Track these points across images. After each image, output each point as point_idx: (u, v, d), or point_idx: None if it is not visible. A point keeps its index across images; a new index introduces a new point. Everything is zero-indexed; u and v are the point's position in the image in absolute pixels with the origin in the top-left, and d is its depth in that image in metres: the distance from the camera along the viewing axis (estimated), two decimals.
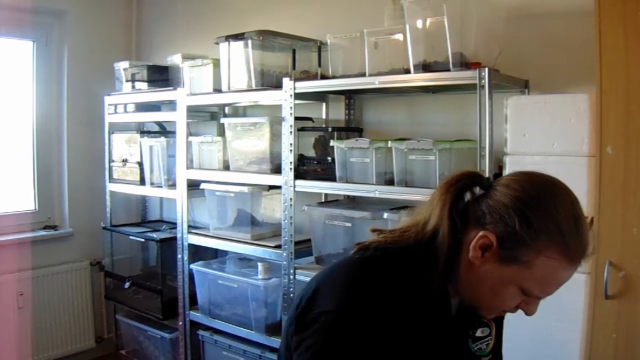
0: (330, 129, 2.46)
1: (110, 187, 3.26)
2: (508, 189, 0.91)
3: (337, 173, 2.19)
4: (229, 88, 2.54)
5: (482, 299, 0.96)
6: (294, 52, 2.41)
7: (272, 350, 2.42)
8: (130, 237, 3.13)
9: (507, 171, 1.74)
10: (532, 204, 0.88)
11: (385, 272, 0.94)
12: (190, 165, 2.79)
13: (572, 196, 0.92)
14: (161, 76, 3.05)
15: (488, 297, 0.94)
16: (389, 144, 2.05)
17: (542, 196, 0.90)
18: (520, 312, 0.97)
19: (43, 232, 3.24)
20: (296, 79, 2.33)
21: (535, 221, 0.87)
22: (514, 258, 0.88)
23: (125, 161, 3.16)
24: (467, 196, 0.97)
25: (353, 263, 0.99)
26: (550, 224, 0.87)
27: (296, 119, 2.32)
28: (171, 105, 2.92)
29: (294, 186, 2.30)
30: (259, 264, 2.47)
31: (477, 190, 0.96)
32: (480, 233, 0.90)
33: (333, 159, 2.21)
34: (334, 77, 2.26)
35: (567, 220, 0.88)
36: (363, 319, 0.88)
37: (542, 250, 0.86)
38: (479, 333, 1.06)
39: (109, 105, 3.25)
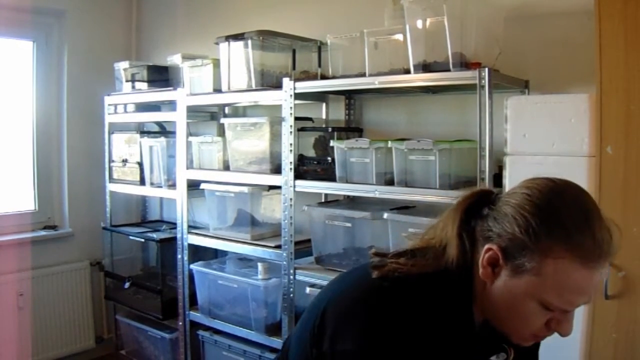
0: (330, 129, 2.46)
1: (110, 187, 3.26)
2: (512, 197, 0.87)
3: (337, 173, 2.19)
4: (229, 88, 2.54)
5: (505, 322, 0.89)
6: (294, 52, 2.42)
7: (272, 350, 2.42)
8: (130, 237, 3.12)
9: (507, 171, 1.74)
10: (534, 206, 0.83)
11: (407, 306, 0.87)
12: (190, 165, 2.79)
13: (582, 192, 0.86)
14: (161, 76, 3.05)
15: (510, 319, 0.88)
16: (389, 144, 2.05)
17: (544, 197, 0.84)
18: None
19: (43, 232, 3.24)
20: (296, 79, 2.33)
21: (535, 222, 0.82)
22: (521, 267, 0.82)
23: (125, 161, 3.16)
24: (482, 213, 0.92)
25: (373, 292, 0.90)
26: (552, 222, 0.81)
27: (296, 119, 2.32)
28: (171, 105, 2.92)
29: (294, 186, 2.30)
30: (259, 264, 2.47)
31: (487, 209, 0.91)
32: (486, 247, 0.86)
33: (333, 159, 2.21)
34: (334, 77, 2.26)
35: (573, 216, 0.82)
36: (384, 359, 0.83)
37: (547, 252, 0.80)
38: (495, 358, 0.98)
39: (109, 105, 3.25)
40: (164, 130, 3.24)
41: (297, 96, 2.31)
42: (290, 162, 2.30)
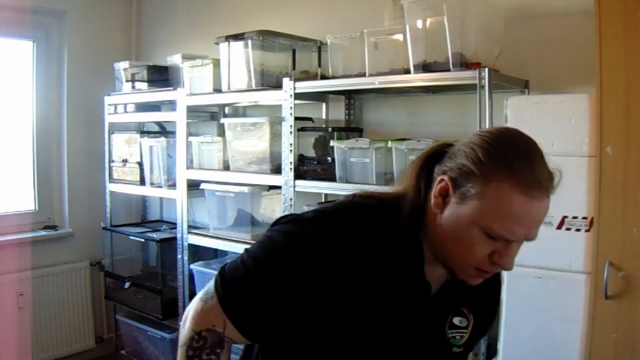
0: (330, 129, 2.46)
1: (110, 187, 3.26)
2: (467, 139, 0.93)
3: (337, 173, 2.19)
4: (229, 88, 2.54)
5: (451, 254, 0.93)
6: (294, 52, 2.42)
7: None
8: (130, 237, 3.12)
9: None
10: (483, 142, 0.89)
11: (362, 220, 0.96)
12: (190, 165, 2.79)
13: (531, 140, 0.92)
14: (161, 76, 3.05)
15: (455, 248, 0.91)
16: (389, 144, 2.05)
17: (494, 136, 0.91)
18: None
19: (43, 232, 3.24)
20: (296, 79, 2.33)
21: (482, 154, 0.87)
22: (467, 194, 0.88)
23: (125, 161, 3.16)
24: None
25: (340, 203, 1.03)
26: (497, 153, 0.87)
27: (296, 119, 2.32)
28: (171, 105, 2.92)
29: (294, 186, 2.30)
30: None
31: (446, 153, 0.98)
32: (438, 178, 0.92)
33: (333, 159, 2.21)
34: (334, 77, 2.26)
35: (517, 151, 0.88)
36: (327, 244, 0.92)
37: (491, 177, 0.86)
38: (456, 321, 1.04)
39: (109, 105, 3.25)
40: (164, 130, 3.24)
41: (297, 96, 2.31)
42: (290, 162, 2.30)
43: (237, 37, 2.44)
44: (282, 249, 0.93)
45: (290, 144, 2.30)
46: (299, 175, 2.31)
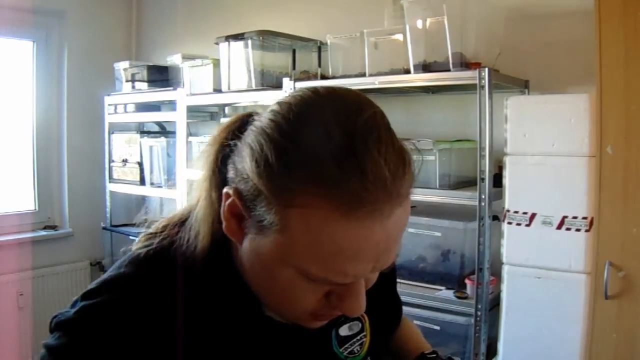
0: None
1: (110, 187, 3.26)
2: (261, 116, 0.61)
3: None
4: (229, 88, 2.54)
5: (268, 297, 0.64)
6: (294, 52, 2.41)
7: None
8: (130, 237, 3.12)
9: (507, 171, 1.74)
10: (275, 129, 0.57)
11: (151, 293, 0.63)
12: (190, 165, 2.79)
13: (356, 103, 0.59)
14: (161, 76, 3.05)
15: (271, 293, 0.63)
16: None
17: (294, 114, 0.57)
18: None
19: (43, 232, 3.24)
20: (296, 79, 2.33)
21: (271, 154, 0.55)
22: (262, 221, 0.56)
23: (125, 161, 3.16)
24: None
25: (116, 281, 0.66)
26: (294, 153, 0.54)
27: None
28: (171, 105, 2.92)
29: None
30: None
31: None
32: (224, 191, 0.60)
33: None
34: (334, 78, 2.26)
35: (329, 142, 0.53)
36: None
37: (289, 199, 0.53)
38: (345, 331, 0.75)
39: (109, 105, 3.25)
40: (164, 130, 3.23)
41: None
42: None
43: (237, 37, 2.44)
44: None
45: None
46: None
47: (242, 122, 0.65)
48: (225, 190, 0.60)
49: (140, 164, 3.07)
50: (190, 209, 0.68)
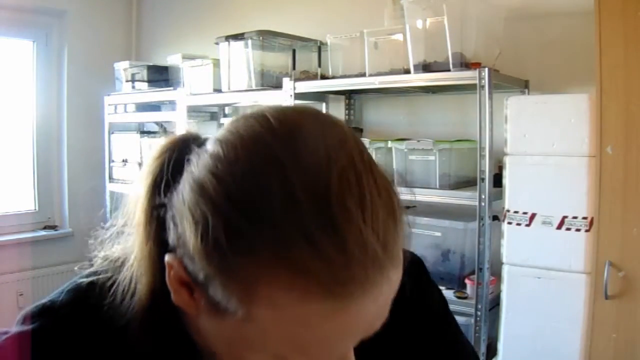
0: None
1: (110, 187, 3.25)
2: (201, 155, 0.48)
3: None
4: (229, 88, 2.54)
5: None
6: (294, 52, 2.41)
7: None
8: None
9: (507, 171, 1.74)
10: (221, 202, 0.43)
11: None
12: None
13: (325, 148, 0.44)
14: (161, 76, 3.05)
15: None
16: (389, 144, 2.05)
17: (244, 162, 0.44)
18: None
19: (43, 232, 3.24)
20: (296, 79, 2.33)
21: (222, 236, 0.42)
22: (217, 304, 0.45)
23: (125, 161, 3.16)
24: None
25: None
26: (250, 234, 0.42)
27: None
28: (171, 105, 2.92)
29: None
30: None
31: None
32: (166, 259, 0.48)
33: None
34: (334, 77, 2.26)
35: (292, 214, 0.41)
36: None
37: (251, 288, 0.42)
38: None
39: (109, 105, 3.25)
40: (164, 130, 3.23)
41: (297, 96, 2.30)
42: None
43: (237, 37, 2.44)
44: None
45: None
46: None
47: (179, 152, 0.52)
48: (167, 260, 0.48)
49: (141, 164, 3.07)
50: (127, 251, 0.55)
